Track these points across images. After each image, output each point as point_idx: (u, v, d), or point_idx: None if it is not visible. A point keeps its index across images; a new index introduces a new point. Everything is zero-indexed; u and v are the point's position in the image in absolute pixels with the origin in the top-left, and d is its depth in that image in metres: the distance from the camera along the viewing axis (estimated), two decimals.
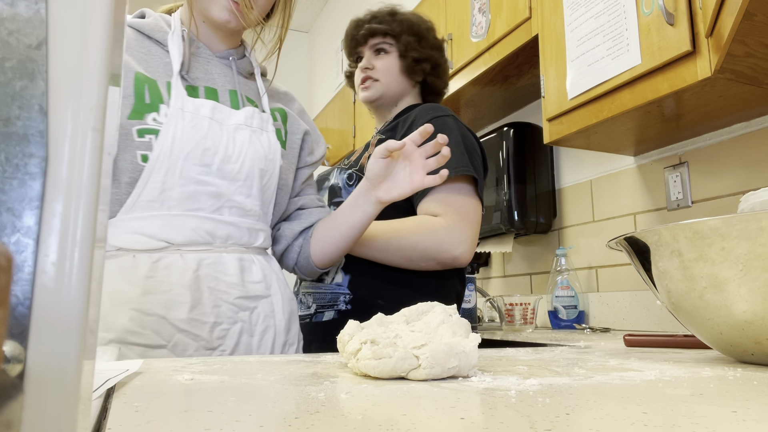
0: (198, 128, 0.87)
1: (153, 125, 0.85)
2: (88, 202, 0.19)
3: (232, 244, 0.92)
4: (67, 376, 0.18)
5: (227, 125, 0.91)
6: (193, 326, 0.85)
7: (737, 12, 0.91)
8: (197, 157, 0.86)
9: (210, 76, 0.96)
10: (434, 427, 0.29)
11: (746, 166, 1.41)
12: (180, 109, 0.87)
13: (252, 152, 0.92)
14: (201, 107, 0.89)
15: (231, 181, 0.90)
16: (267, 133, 0.97)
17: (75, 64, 0.19)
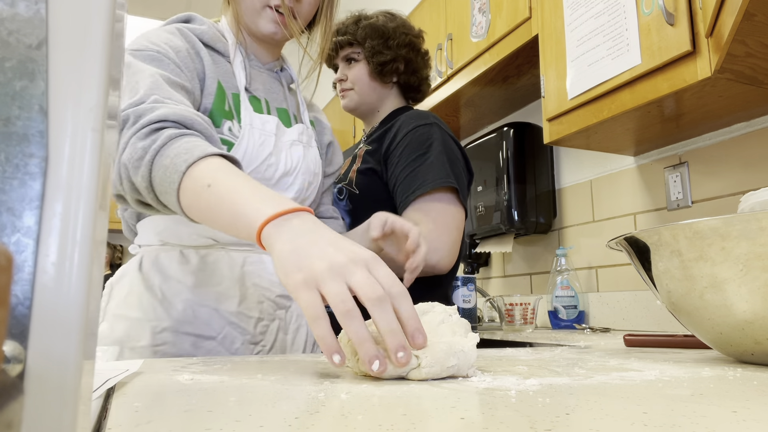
0: (265, 145, 0.90)
1: (228, 137, 0.87)
2: (88, 202, 0.19)
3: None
4: (67, 376, 0.18)
5: (284, 140, 0.94)
6: (241, 320, 0.87)
7: (737, 12, 0.91)
8: (261, 172, 0.89)
9: (265, 88, 0.98)
10: (434, 427, 0.29)
11: (746, 166, 1.41)
12: (249, 125, 0.89)
13: (305, 167, 0.96)
14: (267, 123, 0.92)
15: (284, 192, 0.93)
16: (313, 149, 1.01)
17: (75, 64, 0.19)
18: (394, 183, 1.20)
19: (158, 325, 0.85)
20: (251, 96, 0.94)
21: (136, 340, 0.85)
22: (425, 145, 1.18)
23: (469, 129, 2.51)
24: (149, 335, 0.85)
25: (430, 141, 1.18)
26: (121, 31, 0.22)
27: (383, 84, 1.36)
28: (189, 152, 0.65)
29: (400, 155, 1.19)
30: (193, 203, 0.64)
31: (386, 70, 1.34)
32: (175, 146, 0.67)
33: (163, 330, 0.85)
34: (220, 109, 0.88)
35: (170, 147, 0.68)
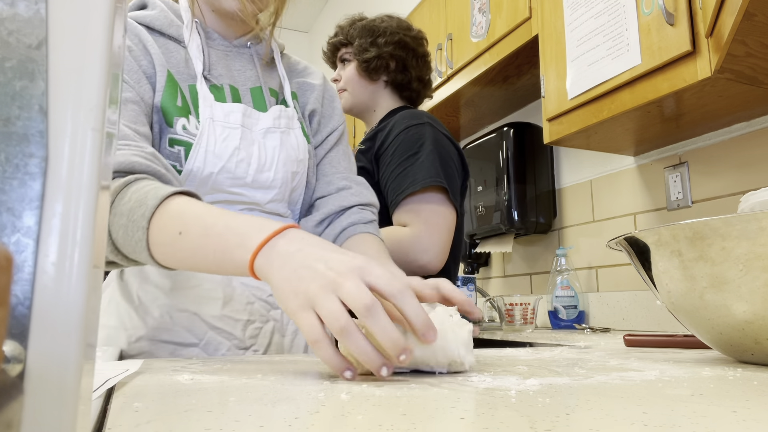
0: (230, 139, 0.81)
1: (183, 136, 0.79)
2: (88, 202, 0.19)
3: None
4: (67, 376, 0.18)
5: (256, 130, 0.85)
6: (227, 324, 0.80)
7: (737, 12, 0.91)
8: (231, 171, 0.81)
9: (230, 72, 0.87)
10: (434, 427, 0.29)
11: (746, 166, 1.41)
12: (210, 119, 0.80)
13: (284, 157, 0.86)
14: (231, 113, 0.83)
15: (266, 191, 0.85)
16: (294, 131, 0.89)
17: (75, 64, 0.19)
18: (386, 182, 1.20)
19: (133, 333, 0.80)
20: (212, 85, 0.84)
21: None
22: (417, 144, 1.18)
23: (469, 129, 2.51)
24: (125, 344, 0.80)
25: (421, 141, 1.18)
26: (121, 31, 0.22)
27: (372, 81, 1.36)
28: (143, 203, 0.60)
29: (392, 155, 1.19)
30: (169, 256, 0.60)
31: (372, 67, 1.33)
32: (126, 200, 0.62)
33: (138, 339, 0.79)
34: (171, 105, 0.79)
35: (121, 203, 0.62)
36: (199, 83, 0.83)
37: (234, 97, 0.86)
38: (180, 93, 0.81)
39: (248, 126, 0.84)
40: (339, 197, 0.92)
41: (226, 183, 0.81)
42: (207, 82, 0.84)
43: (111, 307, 0.85)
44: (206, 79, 0.84)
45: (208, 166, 0.79)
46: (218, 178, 0.80)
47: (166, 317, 0.79)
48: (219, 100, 0.83)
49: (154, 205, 0.59)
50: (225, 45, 0.89)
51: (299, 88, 0.97)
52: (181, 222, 0.58)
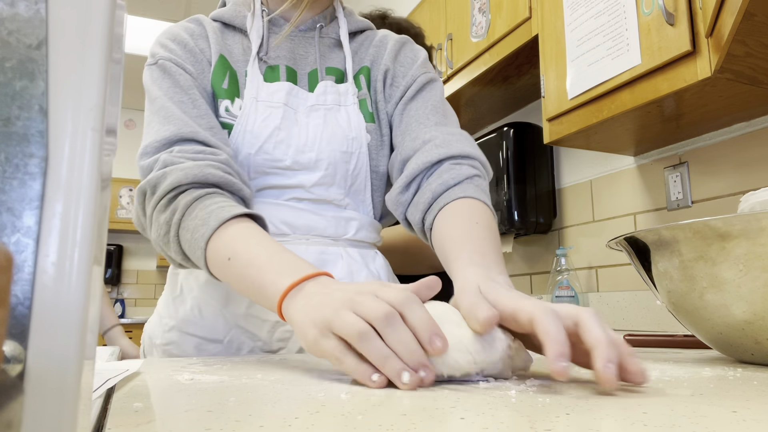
0: (271, 119, 0.79)
1: (226, 118, 0.80)
2: (88, 202, 0.19)
3: (315, 235, 0.81)
4: (67, 376, 0.18)
5: (302, 109, 0.82)
6: (251, 323, 0.78)
7: (737, 12, 0.91)
8: (269, 152, 0.79)
9: (292, 54, 0.86)
10: (434, 427, 0.29)
11: (746, 166, 1.41)
12: (254, 98, 0.80)
13: (328, 135, 0.81)
14: (276, 92, 0.81)
15: (310, 172, 0.80)
16: (345, 108, 0.84)
17: (75, 64, 0.19)
18: None
19: (168, 322, 0.81)
20: (267, 66, 0.84)
21: (156, 336, 0.82)
22: None
23: (469, 129, 2.51)
24: (160, 333, 0.82)
25: None
26: (120, 31, 0.22)
27: None
28: (205, 224, 0.64)
29: None
30: (222, 276, 0.64)
31: None
32: (192, 216, 0.66)
33: (171, 329, 0.80)
34: (217, 86, 0.81)
35: (188, 219, 0.67)
36: (251, 65, 0.82)
37: (289, 76, 0.84)
38: (229, 76, 0.82)
39: (293, 105, 0.82)
40: (423, 153, 0.77)
41: (265, 165, 0.79)
42: (263, 64, 0.84)
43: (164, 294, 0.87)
44: (262, 61, 0.84)
45: (245, 147, 0.78)
46: (256, 159, 0.78)
47: (195, 310, 0.79)
48: (270, 80, 0.82)
49: (214, 227, 0.63)
50: (292, 31, 0.87)
51: (375, 56, 0.90)
52: (232, 249, 0.62)
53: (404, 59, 0.89)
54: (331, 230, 0.82)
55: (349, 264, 0.81)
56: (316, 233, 0.81)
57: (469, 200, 0.71)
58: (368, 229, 0.86)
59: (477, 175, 0.75)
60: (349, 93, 0.85)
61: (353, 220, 0.84)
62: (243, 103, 0.80)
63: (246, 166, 0.79)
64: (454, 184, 0.73)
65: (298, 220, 0.80)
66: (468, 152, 0.77)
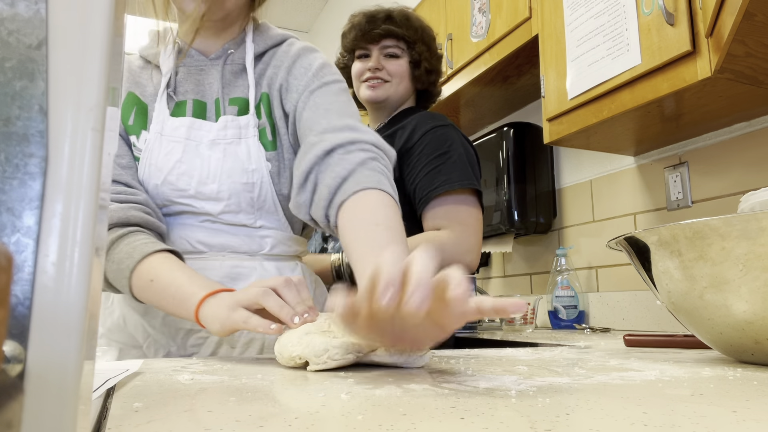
0: (172, 153, 0.84)
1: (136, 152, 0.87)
2: (88, 202, 0.19)
3: (231, 252, 0.86)
4: (67, 376, 0.18)
5: (205, 142, 0.84)
6: (165, 333, 0.84)
7: (737, 12, 0.91)
8: (173, 183, 0.84)
9: (200, 87, 0.89)
10: (434, 427, 0.29)
11: (746, 166, 1.41)
12: (158, 133, 0.85)
13: (228, 168, 0.83)
14: (178, 127, 0.85)
15: (214, 202, 0.84)
16: (246, 140, 0.85)
17: (75, 64, 0.19)
18: (413, 180, 1.20)
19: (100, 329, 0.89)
20: (177, 102, 0.87)
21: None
22: (446, 144, 1.19)
23: (469, 129, 2.51)
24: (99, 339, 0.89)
25: (450, 141, 1.20)
26: (121, 31, 0.22)
27: (414, 87, 1.39)
28: (130, 257, 0.76)
29: (420, 153, 1.19)
30: (143, 295, 0.76)
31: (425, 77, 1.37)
32: (117, 251, 0.78)
33: (101, 336, 0.88)
34: (125, 122, 0.87)
35: (114, 252, 0.78)
36: (159, 101, 0.87)
37: (196, 110, 0.87)
38: (136, 111, 0.88)
39: (195, 138, 0.85)
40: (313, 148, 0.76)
41: (172, 195, 0.85)
42: (171, 100, 0.88)
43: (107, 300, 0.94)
44: (171, 97, 0.88)
45: (152, 178, 0.85)
46: (162, 189, 0.85)
47: (121, 319, 0.87)
48: (177, 115, 0.87)
49: (138, 259, 0.75)
50: (201, 60, 0.89)
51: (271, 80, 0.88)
52: (154, 273, 0.74)
53: (298, 71, 0.87)
54: (246, 247, 0.87)
55: (263, 277, 0.86)
56: (231, 250, 0.87)
57: (366, 193, 0.70)
58: (287, 244, 0.90)
59: (371, 158, 0.74)
60: (250, 126, 0.85)
61: (268, 237, 0.88)
62: (148, 137, 0.86)
63: (155, 196, 0.86)
64: (347, 175, 0.72)
65: (213, 240, 0.86)
66: (357, 137, 0.75)
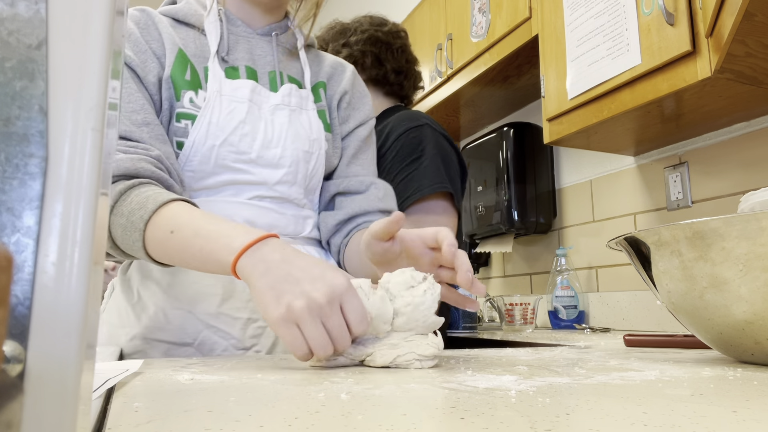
0: (236, 113, 0.80)
1: (189, 109, 0.79)
2: (88, 202, 0.19)
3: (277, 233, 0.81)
4: (67, 376, 0.18)
5: (266, 107, 0.84)
6: (222, 322, 0.78)
7: (737, 12, 0.91)
8: (234, 144, 0.79)
9: (251, 55, 0.88)
10: (434, 427, 0.29)
11: (746, 166, 1.41)
12: (217, 92, 0.80)
13: (293, 134, 0.84)
14: (240, 88, 0.82)
15: (273, 168, 0.82)
16: (307, 112, 0.87)
17: (75, 64, 0.19)
18: None
19: (130, 331, 0.79)
20: (228, 66, 0.84)
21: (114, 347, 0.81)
22: (419, 148, 1.16)
23: (469, 129, 2.51)
24: (123, 342, 0.79)
25: (423, 144, 1.16)
26: (121, 31, 0.22)
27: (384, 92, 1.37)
28: (143, 207, 0.65)
29: (392, 160, 1.18)
30: (161, 252, 0.65)
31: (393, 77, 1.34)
32: (128, 202, 0.67)
33: (133, 337, 0.79)
34: (179, 78, 0.80)
35: (123, 204, 0.67)
36: (211, 62, 0.83)
37: (249, 75, 0.85)
38: (191, 68, 0.82)
39: (257, 102, 0.83)
40: (366, 198, 0.89)
41: (229, 158, 0.79)
42: (224, 63, 0.84)
43: (112, 303, 0.84)
44: (223, 61, 0.84)
45: (210, 138, 0.78)
46: (220, 151, 0.78)
47: (160, 315, 0.78)
48: (231, 77, 0.83)
49: (152, 209, 0.65)
50: (248, 32, 0.89)
51: (331, 75, 0.96)
52: (175, 223, 0.64)
53: (360, 91, 0.97)
54: (291, 228, 0.84)
55: None
56: (277, 231, 0.81)
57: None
58: (318, 227, 0.90)
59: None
60: (309, 99, 0.89)
61: (310, 218, 0.88)
62: (207, 96, 0.80)
63: (209, 158, 0.78)
64: None
65: (261, 219, 0.81)
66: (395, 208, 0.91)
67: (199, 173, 0.79)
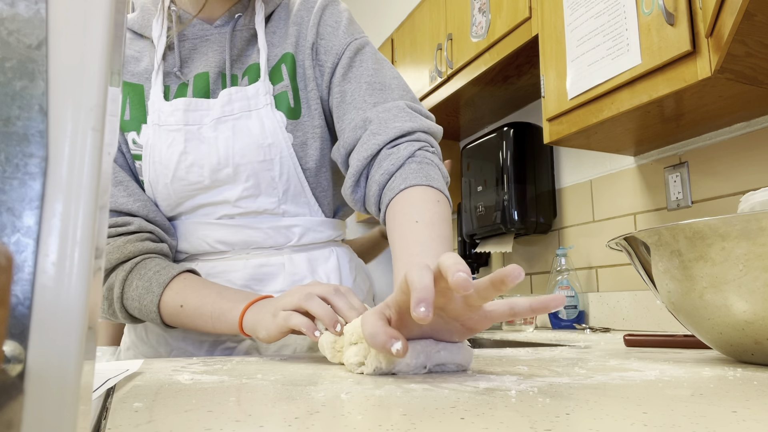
0: (174, 144, 0.76)
1: (135, 150, 0.79)
2: (88, 202, 0.19)
3: (255, 248, 0.80)
4: (67, 376, 0.18)
5: (206, 123, 0.77)
6: (190, 344, 0.81)
7: (737, 12, 0.91)
8: (183, 178, 0.77)
9: (205, 58, 0.80)
10: (434, 427, 0.29)
11: (746, 166, 1.41)
12: (156, 124, 0.77)
13: (241, 147, 0.76)
14: (174, 113, 0.77)
15: (231, 186, 0.77)
16: (257, 112, 0.77)
17: (75, 64, 0.19)
18: None
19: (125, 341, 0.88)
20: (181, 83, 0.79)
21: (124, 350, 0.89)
22: None
23: (469, 129, 2.51)
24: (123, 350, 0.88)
25: None
26: (121, 31, 0.22)
27: None
28: (150, 291, 0.74)
29: None
30: (176, 322, 0.74)
31: None
32: (133, 287, 0.75)
33: (128, 348, 0.86)
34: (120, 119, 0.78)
35: (129, 290, 0.75)
36: (154, 79, 0.79)
37: (198, 88, 0.79)
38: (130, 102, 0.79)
39: (195, 122, 0.77)
40: (362, 145, 0.74)
41: (185, 191, 0.78)
42: (177, 80, 0.80)
43: None
44: (177, 76, 0.80)
45: (160, 177, 0.77)
46: (174, 187, 0.77)
47: (143, 332, 0.85)
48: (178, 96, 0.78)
49: (158, 292, 0.73)
50: (204, 30, 0.81)
51: (297, 36, 0.82)
52: (182, 298, 0.73)
53: (325, 30, 0.81)
54: (271, 241, 0.80)
55: (292, 274, 0.80)
56: (255, 246, 0.79)
57: (410, 191, 0.69)
58: (318, 230, 0.82)
59: (418, 148, 0.73)
60: (260, 94, 0.78)
61: (295, 226, 0.81)
62: (147, 131, 0.78)
63: (166, 197, 0.79)
64: (394, 170, 0.71)
65: (233, 237, 0.79)
66: (405, 128, 0.73)
67: (167, 206, 0.81)
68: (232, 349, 0.81)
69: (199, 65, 0.80)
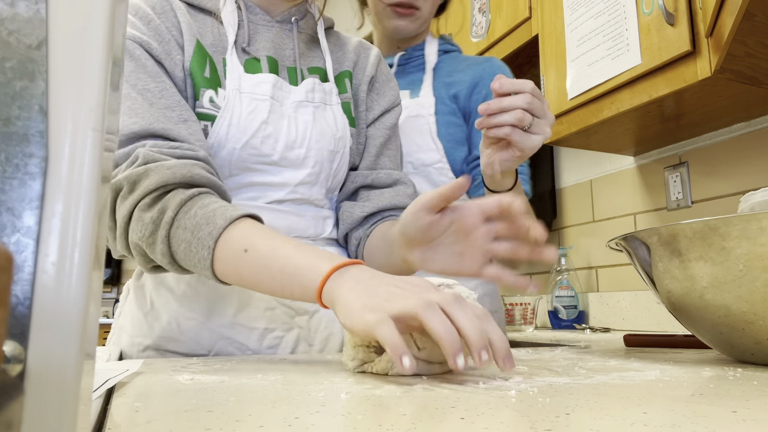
0: (257, 112, 0.75)
1: (209, 109, 0.75)
2: (88, 202, 0.19)
3: (296, 237, 0.78)
4: (67, 376, 0.18)
5: (288, 104, 0.79)
6: (238, 333, 0.74)
7: (737, 12, 0.91)
8: (256, 147, 0.75)
9: (272, 45, 0.83)
10: (434, 427, 0.29)
11: (746, 166, 1.41)
12: (237, 90, 0.76)
13: (318, 132, 0.79)
14: (261, 83, 0.77)
15: (296, 169, 0.78)
16: (331, 107, 0.83)
17: (75, 64, 0.19)
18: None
19: (142, 341, 0.76)
20: (249, 58, 0.80)
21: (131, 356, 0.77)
22: None
23: None
24: (136, 353, 0.76)
25: None
26: (121, 31, 0.22)
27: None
28: (210, 222, 0.61)
29: None
30: (231, 271, 0.60)
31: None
32: (191, 215, 0.62)
33: (146, 348, 0.75)
34: (198, 75, 0.75)
35: (185, 217, 0.62)
36: (230, 54, 0.78)
37: (271, 68, 0.80)
38: (209, 64, 0.77)
39: (279, 99, 0.79)
40: (395, 192, 0.84)
41: (250, 160, 0.75)
42: (244, 55, 0.80)
43: (126, 308, 0.81)
44: (245, 52, 0.80)
45: (230, 141, 0.74)
46: (241, 154, 0.75)
47: (174, 324, 0.74)
48: (252, 72, 0.78)
49: (222, 226, 0.60)
50: (267, 20, 0.84)
51: (355, 62, 0.91)
52: (249, 242, 0.59)
53: (385, 74, 0.92)
54: (311, 230, 0.80)
55: None
56: (296, 234, 0.78)
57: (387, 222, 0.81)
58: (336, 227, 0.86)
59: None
60: (333, 93, 0.84)
61: (329, 218, 0.84)
62: (226, 95, 0.75)
63: (228, 161, 0.75)
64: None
65: (279, 222, 0.77)
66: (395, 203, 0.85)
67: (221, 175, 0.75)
68: (281, 337, 0.76)
69: (266, 48, 0.82)
